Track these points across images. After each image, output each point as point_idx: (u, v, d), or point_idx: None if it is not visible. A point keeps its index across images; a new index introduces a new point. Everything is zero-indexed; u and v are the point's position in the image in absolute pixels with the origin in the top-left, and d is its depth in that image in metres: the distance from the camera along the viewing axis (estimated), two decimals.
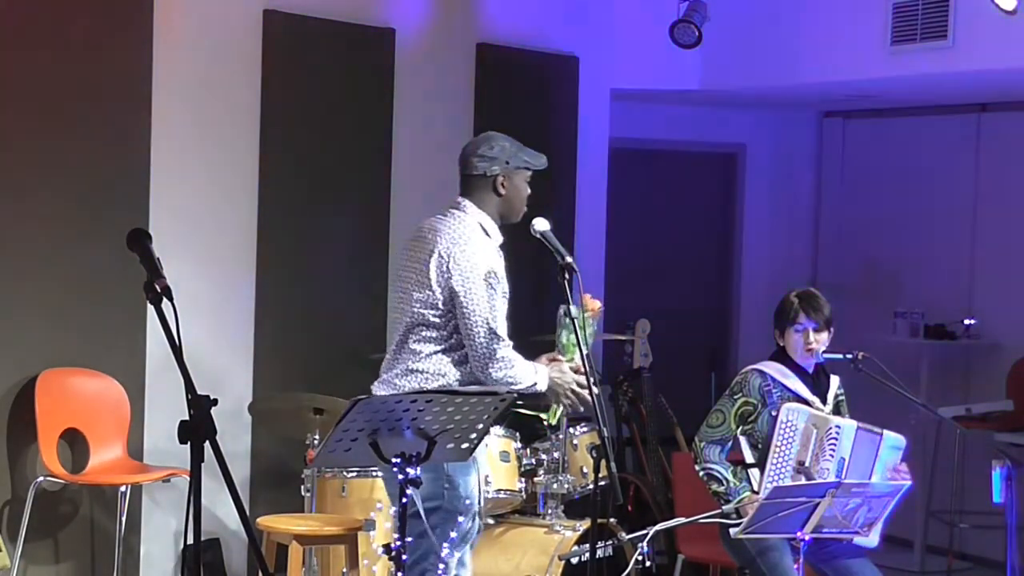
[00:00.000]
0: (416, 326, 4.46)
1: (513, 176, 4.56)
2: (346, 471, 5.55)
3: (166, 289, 3.29)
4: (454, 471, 4.36)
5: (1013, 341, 7.76)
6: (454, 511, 4.40)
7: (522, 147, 4.62)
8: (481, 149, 4.56)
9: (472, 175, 4.55)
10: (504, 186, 4.54)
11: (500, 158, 4.54)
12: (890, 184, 8.59)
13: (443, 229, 4.49)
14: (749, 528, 4.45)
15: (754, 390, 5.02)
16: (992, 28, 6.33)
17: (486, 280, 4.39)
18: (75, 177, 5.83)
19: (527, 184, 4.62)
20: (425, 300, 4.43)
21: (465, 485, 4.41)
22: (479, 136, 4.67)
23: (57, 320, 5.80)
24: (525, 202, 4.61)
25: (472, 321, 4.37)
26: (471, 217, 4.51)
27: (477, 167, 4.54)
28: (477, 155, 4.55)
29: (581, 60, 7.63)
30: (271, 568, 4.76)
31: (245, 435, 6.32)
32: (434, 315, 4.42)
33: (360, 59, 6.70)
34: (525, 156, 4.59)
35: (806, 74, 7.37)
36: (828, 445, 4.90)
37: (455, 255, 4.41)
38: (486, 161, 4.54)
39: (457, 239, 4.44)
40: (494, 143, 4.57)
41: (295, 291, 6.51)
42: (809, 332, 5.01)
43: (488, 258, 4.44)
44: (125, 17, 5.94)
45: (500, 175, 4.53)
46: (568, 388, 4.53)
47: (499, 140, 4.59)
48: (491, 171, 4.53)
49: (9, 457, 5.69)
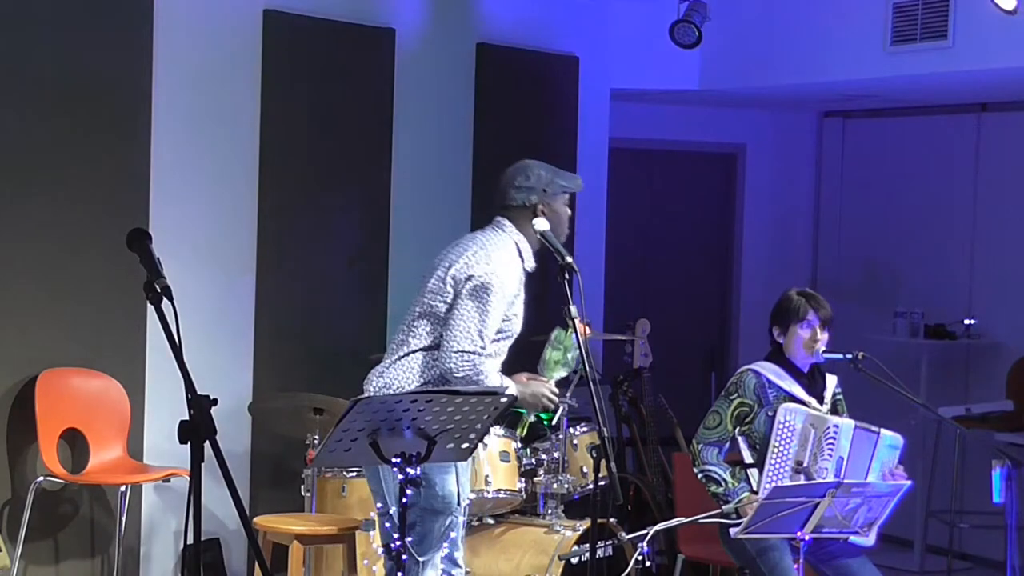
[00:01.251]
0: (422, 316, 4.52)
1: (552, 202, 4.61)
2: (346, 471, 5.56)
3: (166, 289, 3.29)
4: (431, 470, 4.37)
5: (1013, 341, 7.76)
6: (431, 510, 4.43)
7: (557, 171, 4.67)
8: (517, 180, 4.60)
9: (512, 206, 4.60)
10: (545, 213, 4.59)
11: (537, 187, 4.59)
12: (890, 184, 8.59)
13: (479, 236, 4.59)
14: (749, 528, 4.45)
15: (749, 390, 5.02)
16: (992, 28, 6.33)
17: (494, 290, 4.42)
18: (75, 177, 5.83)
19: (567, 206, 4.67)
20: (436, 290, 4.49)
21: (443, 484, 4.43)
22: (513, 167, 4.68)
23: (57, 320, 5.80)
24: (567, 224, 4.67)
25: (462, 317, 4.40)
26: (509, 236, 4.57)
27: (516, 199, 4.59)
28: (514, 187, 4.60)
29: (581, 60, 7.63)
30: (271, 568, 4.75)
31: (245, 435, 6.32)
32: (442, 310, 4.47)
33: (360, 59, 6.70)
34: (561, 181, 4.64)
35: (806, 74, 7.37)
36: (826, 445, 4.91)
37: (479, 256, 4.48)
38: (523, 192, 4.59)
39: (487, 245, 4.53)
40: (529, 172, 4.62)
41: (295, 291, 6.51)
42: (816, 328, 5.01)
43: (508, 275, 4.48)
44: (125, 17, 5.94)
45: (539, 203, 4.58)
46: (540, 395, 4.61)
47: (534, 168, 4.64)
48: (530, 200, 4.58)
49: (9, 457, 5.70)
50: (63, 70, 5.77)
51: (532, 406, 4.67)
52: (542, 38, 7.47)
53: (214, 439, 3.13)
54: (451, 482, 4.45)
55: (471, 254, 4.50)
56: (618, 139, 8.08)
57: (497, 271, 4.46)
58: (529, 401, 4.62)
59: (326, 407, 5.50)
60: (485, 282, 4.42)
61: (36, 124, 5.73)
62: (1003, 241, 7.95)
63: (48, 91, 5.75)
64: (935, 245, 8.30)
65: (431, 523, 4.43)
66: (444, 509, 4.44)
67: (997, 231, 7.99)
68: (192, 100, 6.16)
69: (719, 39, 7.37)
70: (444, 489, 4.43)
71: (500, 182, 4.65)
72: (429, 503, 4.42)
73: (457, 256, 4.52)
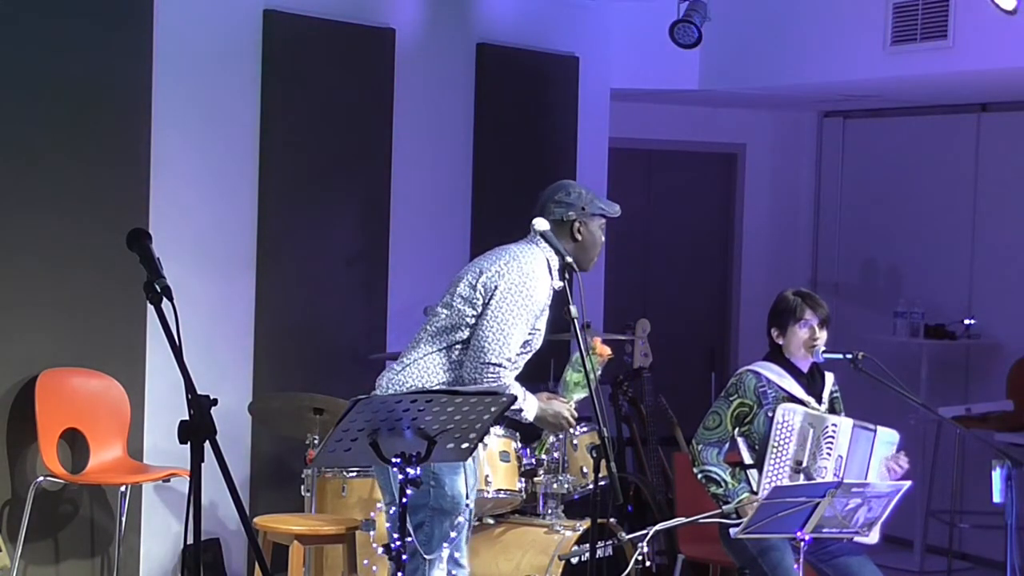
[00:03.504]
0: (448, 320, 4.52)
1: (589, 223, 4.65)
2: (346, 471, 5.55)
3: (166, 289, 3.29)
4: (440, 470, 4.39)
5: (1013, 341, 7.76)
6: (440, 509, 4.44)
7: (597, 195, 4.73)
8: (558, 195, 4.67)
9: (550, 220, 4.62)
10: (581, 232, 4.64)
11: (577, 204, 4.65)
12: (890, 184, 8.59)
13: (512, 248, 4.60)
14: (749, 528, 4.45)
15: (749, 391, 5.03)
16: (992, 28, 6.33)
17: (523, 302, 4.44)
18: (75, 177, 5.82)
19: (602, 232, 4.71)
20: (467, 296, 4.50)
21: (452, 484, 4.43)
22: (555, 184, 4.75)
23: (57, 320, 5.80)
24: (599, 249, 4.73)
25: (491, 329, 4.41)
26: (542, 252, 4.58)
27: (555, 212, 4.64)
28: (554, 201, 4.66)
29: (581, 60, 7.63)
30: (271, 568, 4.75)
31: (245, 435, 6.32)
32: (471, 316, 4.48)
33: (360, 59, 6.70)
34: (601, 204, 4.71)
35: (806, 74, 7.38)
36: (825, 443, 4.91)
37: (511, 267, 4.49)
38: (563, 207, 4.64)
39: (520, 256, 4.54)
40: (571, 190, 4.68)
41: (295, 291, 6.51)
42: (814, 328, 5.02)
43: (539, 289, 4.49)
44: (125, 17, 5.94)
45: (577, 221, 4.63)
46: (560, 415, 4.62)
47: (575, 187, 4.71)
48: (568, 216, 4.63)
49: (9, 457, 5.69)
50: (63, 70, 5.77)
51: (552, 426, 4.69)
52: (542, 38, 7.47)
53: (214, 439, 3.13)
54: (460, 483, 4.45)
55: (504, 263, 4.51)
56: (618, 139, 8.08)
57: (528, 284, 4.47)
58: (549, 421, 4.63)
59: (326, 407, 5.50)
60: (516, 294, 4.44)
61: (36, 124, 5.73)
62: (1003, 241, 7.95)
63: (48, 91, 5.75)
64: (935, 245, 8.30)
65: (439, 523, 4.44)
66: (453, 509, 4.45)
67: (997, 231, 7.99)
68: (192, 100, 6.16)
69: (719, 39, 7.36)
70: (453, 489, 4.44)
71: (540, 196, 4.71)
72: (438, 503, 4.43)
73: (490, 265, 4.53)
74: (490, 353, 4.40)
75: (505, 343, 4.40)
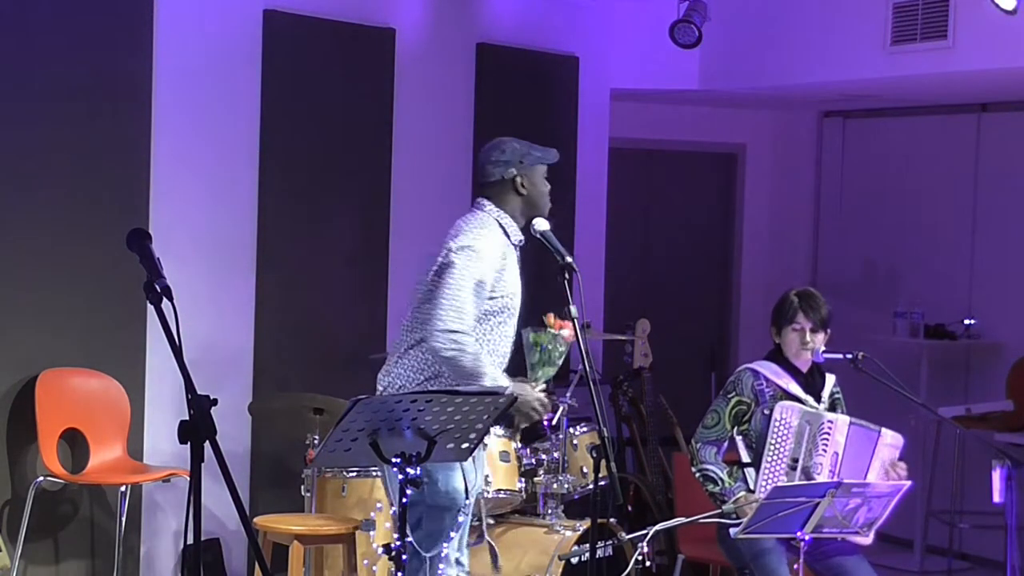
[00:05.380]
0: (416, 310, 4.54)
1: (530, 174, 4.66)
2: (346, 471, 5.55)
3: (166, 289, 3.29)
4: (434, 467, 4.37)
5: (1013, 341, 7.76)
6: (435, 507, 4.43)
7: (532, 145, 4.72)
8: (493, 156, 4.66)
9: (490, 182, 4.64)
10: (524, 185, 4.65)
11: (513, 159, 4.65)
12: (890, 184, 8.58)
13: (458, 222, 4.62)
14: (749, 528, 4.44)
15: (747, 389, 5.03)
16: (992, 28, 6.33)
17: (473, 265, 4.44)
18: (75, 177, 5.83)
19: (545, 180, 4.72)
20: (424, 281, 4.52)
21: (446, 481, 4.43)
22: (488, 144, 4.75)
23: (57, 320, 5.80)
24: (547, 196, 4.72)
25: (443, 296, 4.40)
26: (489, 215, 4.61)
27: (493, 173, 4.64)
28: (491, 162, 4.66)
29: (581, 60, 7.63)
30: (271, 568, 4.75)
31: (245, 435, 6.32)
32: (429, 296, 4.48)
33: (360, 59, 6.70)
34: (536, 152, 4.71)
35: (806, 74, 7.38)
36: (821, 440, 4.92)
37: (453, 235, 4.52)
38: (500, 166, 4.64)
39: (463, 225, 4.57)
40: (504, 146, 4.68)
41: (295, 291, 6.51)
42: (805, 331, 5.02)
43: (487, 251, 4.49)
44: (125, 17, 5.94)
45: (517, 175, 4.63)
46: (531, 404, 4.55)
47: (508, 143, 4.70)
48: (508, 174, 4.63)
49: (9, 457, 5.69)
50: (64, 70, 5.77)
51: (523, 415, 4.56)
52: (542, 38, 7.47)
53: (214, 439, 3.13)
54: (455, 478, 4.45)
55: (450, 237, 4.54)
56: (618, 139, 8.08)
57: (474, 247, 4.48)
58: (521, 409, 4.51)
59: (326, 407, 5.50)
60: (461, 256, 4.45)
61: (36, 124, 5.73)
62: (1003, 241, 7.95)
63: (48, 91, 5.75)
64: (935, 245, 8.30)
65: (437, 520, 4.44)
66: (450, 505, 4.45)
67: (997, 231, 7.99)
68: (192, 100, 6.16)
69: (719, 39, 7.37)
70: (447, 485, 4.43)
71: (478, 161, 4.73)
72: (434, 500, 4.43)
73: (442, 242, 4.56)
74: (446, 320, 4.38)
75: (460, 309, 4.39)
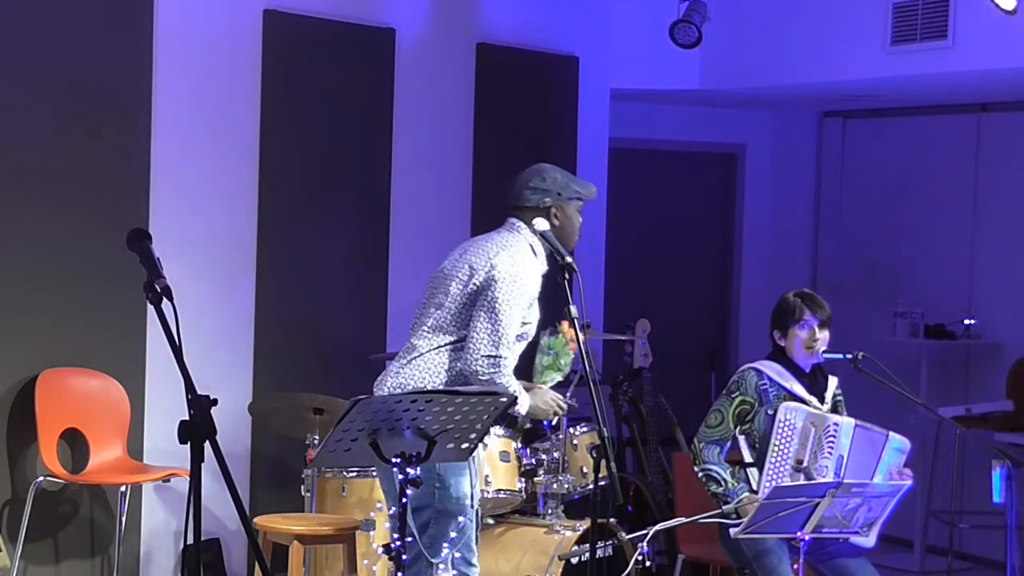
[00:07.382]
0: (440, 315, 4.51)
1: (566, 207, 4.63)
2: (346, 471, 5.55)
3: (166, 289, 3.29)
4: (446, 471, 4.37)
5: (1013, 341, 7.76)
6: (445, 511, 4.41)
7: (572, 178, 4.70)
8: (533, 181, 4.62)
9: (525, 207, 4.60)
10: (558, 217, 4.61)
11: (552, 189, 4.61)
12: (890, 184, 8.59)
13: (495, 237, 4.58)
14: (749, 528, 4.44)
15: (751, 388, 5.03)
16: (992, 28, 6.33)
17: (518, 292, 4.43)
18: (75, 177, 5.82)
19: (579, 214, 4.69)
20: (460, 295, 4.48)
21: (457, 485, 4.41)
22: (529, 169, 4.70)
23: (57, 320, 5.80)
24: (578, 231, 4.70)
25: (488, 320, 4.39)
26: (524, 238, 4.57)
27: (530, 199, 4.60)
28: (529, 187, 4.62)
29: (581, 60, 7.63)
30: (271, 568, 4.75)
31: (245, 435, 6.32)
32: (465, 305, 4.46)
33: (360, 59, 6.70)
34: (576, 187, 4.67)
35: (806, 74, 7.38)
36: (826, 443, 4.91)
37: (502, 257, 4.47)
38: (539, 193, 4.60)
39: (507, 246, 4.52)
40: (545, 175, 4.64)
41: (295, 291, 6.51)
42: (815, 328, 5.02)
43: (530, 277, 4.49)
44: (125, 17, 5.94)
45: (552, 207, 4.60)
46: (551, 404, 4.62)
47: (551, 172, 4.66)
48: (543, 203, 4.60)
49: (9, 457, 5.70)
50: (63, 70, 5.77)
51: (544, 413, 4.66)
52: (542, 38, 7.47)
53: (214, 439, 3.13)
54: (465, 484, 4.43)
55: (494, 255, 4.48)
56: (618, 139, 8.08)
57: (521, 273, 4.46)
58: (542, 408, 4.62)
59: (326, 407, 5.50)
60: (509, 284, 4.41)
61: (37, 124, 5.73)
62: (1003, 241, 7.95)
63: (48, 91, 5.75)
64: (935, 245, 8.30)
65: (444, 525, 4.41)
66: (458, 511, 4.43)
67: (997, 231, 7.99)
68: (192, 100, 6.16)
69: (719, 39, 7.36)
70: (459, 491, 4.41)
71: (515, 183, 4.66)
72: (443, 505, 4.40)
73: (477, 255, 4.51)
74: (489, 345, 4.38)
75: (502, 334, 4.39)
